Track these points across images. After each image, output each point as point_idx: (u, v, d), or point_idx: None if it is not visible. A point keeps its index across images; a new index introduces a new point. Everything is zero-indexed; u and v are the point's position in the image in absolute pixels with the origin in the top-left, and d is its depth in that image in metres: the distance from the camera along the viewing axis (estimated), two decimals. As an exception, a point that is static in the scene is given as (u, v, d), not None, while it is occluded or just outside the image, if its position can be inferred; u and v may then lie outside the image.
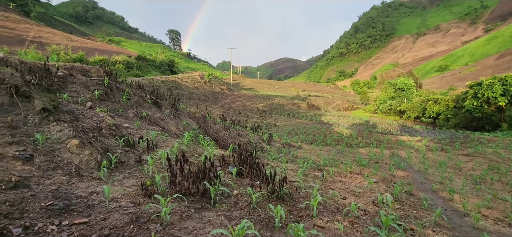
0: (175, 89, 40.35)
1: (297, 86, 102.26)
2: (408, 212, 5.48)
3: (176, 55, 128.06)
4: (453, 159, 14.29)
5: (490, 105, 27.34)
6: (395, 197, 6.43)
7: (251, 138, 13.01)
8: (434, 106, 34.29)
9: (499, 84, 25.79)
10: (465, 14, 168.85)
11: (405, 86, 45.96)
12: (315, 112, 47.10)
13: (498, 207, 6.98)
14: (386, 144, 19.23)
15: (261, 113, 42.38)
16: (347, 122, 34.15)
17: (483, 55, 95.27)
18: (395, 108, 43.19)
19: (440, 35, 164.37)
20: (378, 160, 12.99)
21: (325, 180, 7.35)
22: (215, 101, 45.11)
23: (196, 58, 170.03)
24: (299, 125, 30.43)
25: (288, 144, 15.83)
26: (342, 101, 67.61)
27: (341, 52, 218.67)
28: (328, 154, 14.19)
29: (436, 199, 7.21)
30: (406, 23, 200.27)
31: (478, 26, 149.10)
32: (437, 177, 9.94)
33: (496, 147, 17.57)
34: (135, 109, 8.65)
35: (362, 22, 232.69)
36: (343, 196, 6.02)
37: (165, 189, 4.01)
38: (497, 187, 9.50)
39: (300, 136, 22.88)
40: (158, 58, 76.85)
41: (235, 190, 4.75)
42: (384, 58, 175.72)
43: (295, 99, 61.01)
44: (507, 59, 76.71)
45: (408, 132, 26.29)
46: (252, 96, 60.03)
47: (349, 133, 24.38)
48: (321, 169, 8.79)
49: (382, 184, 7.85)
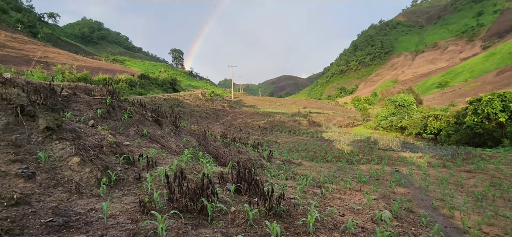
0: (177, 106, 40.71)
1: (298, 103, 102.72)
2: (407, 229, 5.47)
3: (179, 73, 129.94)
4: (454, 175, 14.20)
5: (491, 121, 27.33)
6: (394, 214, 6.42)
7: (251, 155, 13.04)
8: (435, 122, 34.30)
9: (498, 100, 25.89)
10: (462, 32, 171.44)
11: (405, 102, 46.15)
12: (316, 129, 47.11)
13: (499, 224, 6.93)
14: (387, 161, 19.15)
15: (262, 130, 42.44)
16: (348, 138, 34.11)
17: (482, 72, 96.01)
18: (396, 124, 43.18)
19: (439, 52, 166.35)
20: (379, 177, 12.94)
21: (324, 197, 7.35)
22: (217, 118, 45.33)
23: (198, 76, 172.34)
24: (300, 142, 30.41)
25: (288, 161, 15.82)
26: (343, 118, 67.70)
27: (341, 69, 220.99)
28: (329, 171, 14.15)
29: (436, 216, 7.16)
30: (404, 41, 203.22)
31: (476, 43, 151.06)
32: (438, 194, 9.88)
33: (498, 163, 17.46)
34: (136, 127, 8.79)
35: (361, 40, 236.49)
36: (341, 213, 6.03)
37: (163, 206, 4.07)
38: (498, 203, 9.42)
39: (301, 153, 22.85)
40: (160, 76, 78.02)
41: (233, 207, 4.79)
42: (384, 75, 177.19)
43: (296, 116, 61.21)
44: (506, 75, 77.24)
45: (409, 148, 26.20)
46: (253, 113, 60.31)
47: (350, 149, 24.32)
48: (320, 186, 8.79)
49: (382, 201, 7.83)
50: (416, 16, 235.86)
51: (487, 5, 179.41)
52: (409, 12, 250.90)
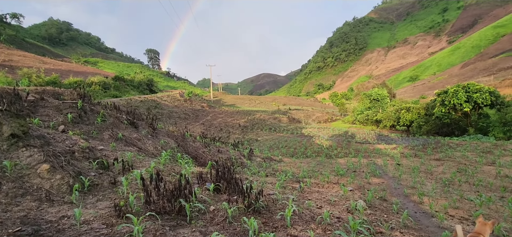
0: (155, 108, 39.73)
1: (278, 100, 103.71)
2: (379, 216, 5.75)
3: (155, 74, 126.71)
4: (425, 164, 15.01)
5: (457, 112, 29.13)
6: (368, 203, 6.71)
7: (232, 154, 13.06)
8: (407, 114, 36.00)
9: (463, 92, 27.64)
10: (429, 27, 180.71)
11: (379, 96, 48.00)
12: (296, 125, 47.85)
13: (464, 207, 7.44)
14: (364, 153, 19.88)
15: (243, 128, 42.48)
16: (327, 133, 34.98)
17: (448, 65, 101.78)
18: (372, 118, 44.85)
19: (409, 47, 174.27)
20: (356, 169, 13.41)
21: (303, 191, 7.54)
22: (196, 118, 44.76)
23: (176, 77, 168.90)
24: (280, 139, 30.77)
25: (269, 158, 15.99)
26: (322, 113, 69.23)
27: (318, 66, 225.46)
28: (308, 166, 14.47)
29: (407, 202, 7.57)
30: (377, 37, 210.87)
31: (442, 38, 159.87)
32: (410, 182, 10.42)
33: (464, 150, 18.67)
34: (111, 130, 8.53)
35: (336, 37, 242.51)
36: (319, 205, 6.22)
37: (140, 209, 4.02)
38: (464, 188, 10.09)
39: (281, 149, 23.14)
40: (136, 77, 75.70)
41: (212, 206, 4.82)
42: (359, 70, 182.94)
43: (276, 114, 61.78)
44: (470, 68, 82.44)
45: (384, 140, 27.33)
46: (233, 112, 60.14)
47: (329, 144, 24.97)
48: (299, 180, 8.99)
49: (357, 192, 8.15)
50: (387, 13, 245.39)
51: (451, 1, 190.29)
52: (380, 9, 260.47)
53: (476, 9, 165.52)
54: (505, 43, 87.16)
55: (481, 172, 12.82)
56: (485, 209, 7.21)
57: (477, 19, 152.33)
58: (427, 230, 5.28)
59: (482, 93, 26.83)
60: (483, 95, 26.70)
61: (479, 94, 26.78)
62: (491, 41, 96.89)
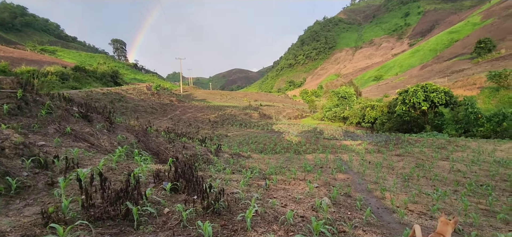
0: (118, 101, 37.45)
1: (249, 96, 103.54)
2: (343, 214, 5.68)
3: (121, 66, 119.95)
4: (387, 159, 15.64)
5: (416, 110, 31.01)
6: (333, 200, 6.66)
7: (198, 150, 12.52)
8: (371, 112, 37.64)
9: (421, 91, 29.44)
10: (393, 30, 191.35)
11: (347, 94, 49.72)
12: (267, 121, 48.01)
13: (422, 202, 7.70)
14: (331, 149, 20.32)
15: (213, 124, 41.66)
16: (296, 129, 35.46)
17: (409, 66, 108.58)
18: (339, 115, 46.35)
19: (374, 48, 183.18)
20: (323, 165, 13.56)
21: (269, 189, 7.31)
22: (164, 113, 43.02)
23: (144, 69, 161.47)
24: (250, 135, 30.56)
25: (237, 154, 15.65)
26: (292, 110, 70.29)
27: (290, 63, 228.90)
28: (277, 162, 14.37)
29: (370, 198, 7.67)
30: (345, 37, 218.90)
31: (404, 40, 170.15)
32: (373, 178, 10.69)
33: (421, 146, 19.82)
34: (58, 124, 7.62)
35: (307, 35, 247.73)
36: (284, 204, 6.01)
37: (76, 215, 3.46)
38: (422, 182, 10.58)
39: (251, 145, 22.92)
40: (99, 68, 70.98)
41: (167, 208, 4.37)
42: (328, 68, 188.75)
43: (247, 109, 61.56)
44: (428, 69, 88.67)
45: (350, 136, 28.28)
46: (203, 107, 58.95)
47: (298, 140, 25.23)
48: (266, 177, 8.77)
49: (323, 188, 8.11)
50: (355, 14, 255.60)
51: (413, 7, 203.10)
52: (349, 10, 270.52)
53: (434, 15, 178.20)
54: (458, 47, 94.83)
55: (436, 167, 13.61)
56: (441, 203, 7.51)
57: (434, 25, 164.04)
58: (388, 227, 5.29)
59: (438, 93, 28.77)
60: (439, 94, 28.64)
61: (436, 93, 28.69)
62: (446, 46, 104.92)
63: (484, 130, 24.63)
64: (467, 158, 15.49)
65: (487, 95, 36.67)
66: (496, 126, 24.14)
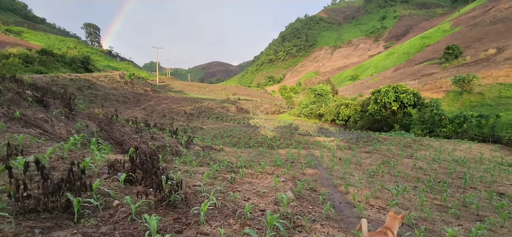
0: (88, 89, 35.55)
1: (228, 89, 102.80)
2: (305, 207, 5.70)
3: (94, 52, 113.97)
4: (356, 156, 16.10)
5: (387, 109, 32.27)
6: (296, 194, 6.68)
7: (167, 141, 12.13)
8: (345, 110, 38.69)
9: (392, 92, 30.64)
10: (370, 32, 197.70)
11: (323, 91, 50.71)
12: (244, 116, 47.92)
13: (383, 197, 7.95)
14: (304, 145, 20.61)
15: (188, 116, 40.90)
16: (272, 125, 35.68)
17: (383, 68, 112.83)
18: (315, 111, 47.23)
19: (352, 48, 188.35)
20: (294, 160, 13.67)
21: (234, 182, 7.20)
22: (137, 103, 41.52)
23: (119, 57, 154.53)
24: (226, 128, 30.32)
25: (209, 147, 15.40)
26: (270, 105, 70.68)
27: (270, 58, 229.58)
28: (249, 156, 14.31)
29: (334, 193, 7.80)
30: (325, 36, 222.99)
31: (380, 43, 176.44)
32: (340, 173, 10.92)
33: (389, 144, 20.65)
34: (7, 108, 6.99)
35: (289, 31, 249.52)
36: (246, 197, 5.93)
37: (6, 206, 3.13)
38: (386, 178, 10.96)
39: (225, 139, 22.70)
40: (69, 53, 67.14)
41: (117, 201, 4.11)
42: (308, 66, 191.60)
43: (225, 103, 61.11)
44: (400, 71, 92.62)
45: (324, 133, 28.89)
46: (179, 99, 57.74)
47: (273, 135, 25.37)
48: (233, 170, 8.65)
49: (290, 183, 8.14)
50: (336, 14, 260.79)
51: (389, 11, 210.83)
52: (329, 9, 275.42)
53: (409, 20, 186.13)
54: (429, 52, 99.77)
55: (401, 164, 14.21)
56: (400, 198, 7.80)
57: (409, 29, 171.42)
58: (347, 221, 5.38)
59: (408, 94, 30.11)
60: (408, 95, 29.97)
61: (405, 94, 29.99)
62: (418, 50, 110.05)
63: (447, 131, 26.15)
64: (429, 156, 16.34)
65: (452, 98, 38.97)
66: (457, 127, 25.71)
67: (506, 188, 10.19)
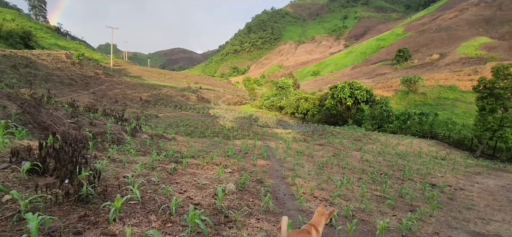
0: (25, 67, 31.48)
1: (190, 78, 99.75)
2: (245, 200, 5.43)
3: (39, 28, 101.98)
4: (310, 148, 16.42)
5: (342, 105, 33.75)
6: (239, 186, 6.39)
7: (109, 128, 11.06)
8: (305, 103, 39.69)
9: (348, 88, 32.07)
10: (332, 30, 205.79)
11: (285, 85, 51.44)
12: (204, 105, 46.74)
13: (329, 188, 8.04)
14: (261, 136, 20.56)
15: (144, 103, 38.67)
16: (233, 115, 35.26)
17: (343, 65, 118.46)
18: (276, 104, 47.81)
19: (315, 45, 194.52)
20: (248, 151, 13.44)
21: (175, 173, 6.68)
22: (86, 86, 38.02)
23: (70, 36, 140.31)
24: (183, 117, 29.19)
25: (159, 135, 14.49)
26: (233, 96, 70.05)
27: (235, 49, 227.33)
28: (201, 146, 13.74)
29: (281, 184, 7.68)
30: (290, 31, 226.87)
31: (341, 41, 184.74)
32: (291, 165, 10.93)
33: (342, 138, 21.52)
34: None
35: (255, 23, 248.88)
36: (183, 190, 5.47)
37: None
38: (334, 170, 11.24)
39: (181, 128, 21.74)
40: (5, 26, 59.11)
41: (7, 195, 3.38)
42: (272, 59, 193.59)
43: (186, 91, 59.09)
44: (357, 70, 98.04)
45: (282, 125, 29.26)
46: (136, 84, 54.52)
47: (232, 125, 24.98)
48: (177, 161, 8.09)
49: (236, 174, 7.83)
50: (301, 9, 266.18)
51: (351, 11, 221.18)
52: (295, 4, 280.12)
53: (367, 21, 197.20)
54: (383, 53, 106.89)
55: (350, 156, 14.80)
56: (344, 189, 7.95)
57: (367, 30, 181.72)
58: (286, 214, 5.21)
59: (361, 90, 31.75)
60: (361, 92, 31.62)
61: (359, 91, 31.59)
62: (374, 51, 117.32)
63: (393, 127, 28.16)
64: (375, 150, 17.32)
65: (399, 97, 42.14)
66: (402, 123, 27.81)
67: (438, 180, 11.10)
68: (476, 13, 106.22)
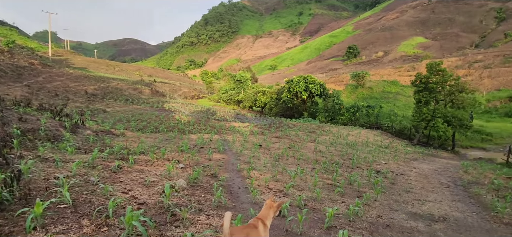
0: None
1: (144, 70, 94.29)
2: (196, 197, 5.19)
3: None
4: (266, 140, 16.59)
5: (298, 98, 34.85)
6: (191, 182, 6.10)
7: (43, 124, 9.80)
8: (262, 97, 40.13)
9: (303, 82, 33.18)
10: (288, 26, 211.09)
11: (242, 78, 51.37)
12: (159, 99, 44.53)
13: (283, 180, 8.15)
14: (218, 130, 20.21)
15: (90, 97, 35.42)
16: (189, 109, 34.17)
17: (299, 60, 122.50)
18: (234, 98, 47.56)
19: (272, 39, 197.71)
20: (203, 145, 13.07)
21: (119, 171, 6.13)
22: (18, 78, 33.43)
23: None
24: (135, 112, 27.40)
25: (105, 131, 13.33)
26: (189, 89, 67.97)
27: (192, 41, 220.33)
28: (153, 141, 12.98)
29: (236, 178, 7.56)
30: (248, 24, 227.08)
31: (297, 37, 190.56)
32: (247, 157, 10.87)
33: (297, 130, 22.19)
34: None
35: (212, 15, 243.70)
36: (128, 189, 5.02)
37: None
38: (289, 161, 11.48)
39: (131, 123, 20.33)
40: None
41: None
42: (230, 52, 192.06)
43: (138, 84, 55.70)
44: (312, 65, 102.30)
45: (240, 119, 29.19)
46: (80, 77, 49.77)
47: (188, 120, 24.18)
48: (123, 158, 7.46)
49: (189, 169, 7.50)
50: (258, 3, 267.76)
51: (305, 8, 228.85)
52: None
53: (321, 19, 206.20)
54: (335, 50, 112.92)
55: (305, 148, 15.30)
56: (297, 180, 8.13)
57: (320, 27, 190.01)
58: (240, 208, 5.10)
59: (315, 84, 33.11)
60: (316, 86, 32.98)
61: (313, 85, 32.90)
62: (327, 47, 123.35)
63: (344, 119, 29.96)
64: (328, 140, 18.20)
65: (349, 91, 45.03)
66: (352, 115, 29.74)
67: (382, 166, 12.03)
68: (414, 15, 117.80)
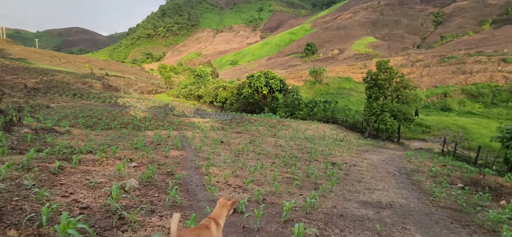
0: None
1: (95, 63, 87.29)
2: (150, 196, 4.89)
3: None
4: (227, 136, 16.42)
5: (259, 93, 35.14)
6: (144, 181, 5.74)
7: (-36, 123, 8.46)
8: (223, 92, 39.70)
9: (264, 77, 33.52)
10: (249, 21, 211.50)
11: (203, 73, 50.26)
12: (112, 94, 41.60)
13: (243, 175, 8.10)
14: (177, 126, 19.49)
15: (31, 91, 31.80)
16: (146, 105, 32.46)
17: (259, 56, 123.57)
18: (194, 93, 46.35)
19: (233, 34, 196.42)
20: (160, 142, 12.47)
21: (61, 173, 5.52)
22: None
23: None
24: (84, 107, 25.18)
25: (48, 129, 12.02)
26: (146, 84, 64.61)
27: (148, 33, 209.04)
28: (104, 139, 12.02)
29: (194, 175, 7.33)
30: (208, 18, 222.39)
31: (257, 33, 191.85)
32: (207, 154, 10.62)
33: (258, 125, 22.36)
34: None
35: (170, 6, 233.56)
36: (69, 192, 4.53)
37: None
38: (250, 156, 11.48)
39: (80, 119, 18.61)
40: None
41: None
42: (190, 46, 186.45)
43: (88, 78, 51.44)
44: (272, 61, 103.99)
45: (200, 114, 28.53)
46: (18, 68, 44.50)
47: (144, 116, 22.91)
48: (67, 158, 6.76)
49: (143, 168, 7.07)
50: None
51: (266, 4, 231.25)
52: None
53: (281, 15, 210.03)
54: (294, 46, 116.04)
55: (265, 142, 15.46)
56: (257, 175, 8.15)
57: (280, 24, 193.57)
58: (197, 206, 4.93)
59: (276, 80, 33.68)
60: (276, 82, 33.55)
61: (274, 80, 33.44)
62: (287, 43, 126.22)
63: (303, 113, 31.01)
64: (288, 135, 18.65)
65: (308, 87, 46.72)
66: (310, 110, 30.89)
67: (337, 159, 12.67)
68: (365, 16, 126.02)
